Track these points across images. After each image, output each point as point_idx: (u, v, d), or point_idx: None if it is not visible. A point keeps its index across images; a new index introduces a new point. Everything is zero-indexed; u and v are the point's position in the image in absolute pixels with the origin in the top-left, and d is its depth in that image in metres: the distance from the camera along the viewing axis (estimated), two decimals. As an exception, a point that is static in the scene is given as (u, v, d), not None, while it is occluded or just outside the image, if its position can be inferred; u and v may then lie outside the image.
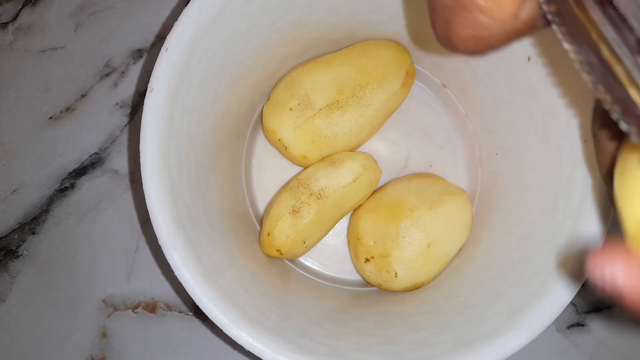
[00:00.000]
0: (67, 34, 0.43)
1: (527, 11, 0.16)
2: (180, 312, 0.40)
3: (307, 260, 0.39)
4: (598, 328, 0.40)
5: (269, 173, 0.39)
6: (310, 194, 0.34)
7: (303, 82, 0.34)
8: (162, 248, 0.27)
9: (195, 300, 0.27)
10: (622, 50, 0.13)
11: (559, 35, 0.15)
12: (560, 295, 0.27)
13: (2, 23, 0.44)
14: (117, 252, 0.41)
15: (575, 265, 0.26)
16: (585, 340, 0.40)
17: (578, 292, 0.27)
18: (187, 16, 0.27)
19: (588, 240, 0.26)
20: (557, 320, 0.40)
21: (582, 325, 0.40)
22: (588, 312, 0.40)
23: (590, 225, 0.26)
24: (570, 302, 0.27)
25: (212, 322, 0.27)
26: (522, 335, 0.26)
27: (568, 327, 0.40)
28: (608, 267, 0.16)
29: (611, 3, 0.13)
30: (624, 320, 0.40)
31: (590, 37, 0.14)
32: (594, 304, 0.40)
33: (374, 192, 0.37)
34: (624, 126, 0.14)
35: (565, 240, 0.27)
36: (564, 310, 0.27)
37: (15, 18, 0.44)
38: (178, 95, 0.28)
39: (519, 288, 0.28)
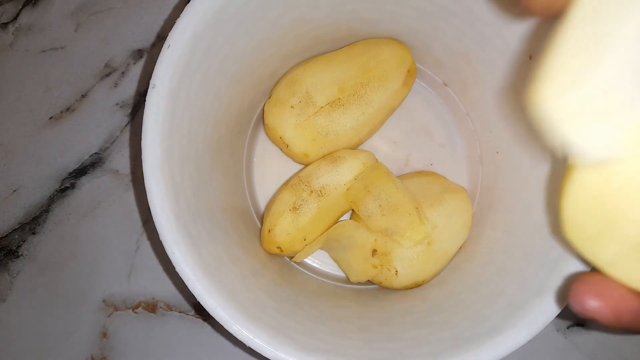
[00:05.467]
0: (67, 34, 0.44)
1: None
2: (180, 311, 0.40)
3: (307, 258, 0.39)
4: (598, 328, 0.40)
5: (270, 170, 0.39)
6: (311, 192, 0.34)
7: (304, 80, 0.34)
8: (163, 244, 0.27)
9: (196, 296, 0.27)
10: None
11: None
12: (561, 292, 0.27)
13: (2, 23, 0.44)
14: (117, 252, 0.41)
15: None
16: (585, 340, 0.40)
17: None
18: (189, 14, 0.27)
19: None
20: (557, 320, 0.40)
21: (582, 325, 0.40)
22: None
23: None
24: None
25: (213, 322, 0.27)
26: (522, 333, 0.26)
27: (568, 327, 0.40)
28: (588, 300, 0.18)
29: None
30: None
31: None
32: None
33: (375, 190, 0.37)
34: None
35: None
36: (563, 310, 0.26)
37: (15, 18, 0.44)
38: (180, 92, 0.28)
39: (520, 285, 0.28)
